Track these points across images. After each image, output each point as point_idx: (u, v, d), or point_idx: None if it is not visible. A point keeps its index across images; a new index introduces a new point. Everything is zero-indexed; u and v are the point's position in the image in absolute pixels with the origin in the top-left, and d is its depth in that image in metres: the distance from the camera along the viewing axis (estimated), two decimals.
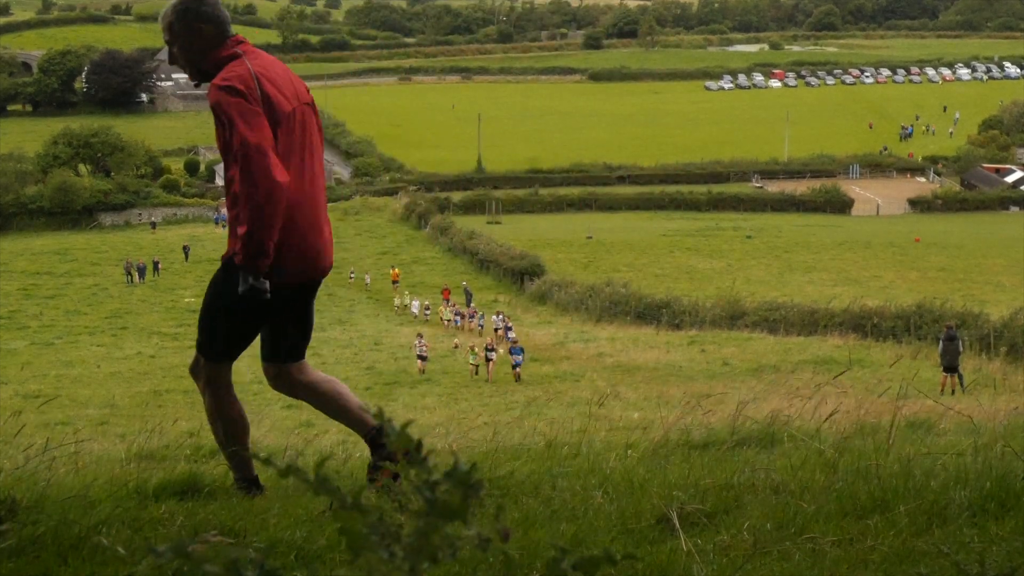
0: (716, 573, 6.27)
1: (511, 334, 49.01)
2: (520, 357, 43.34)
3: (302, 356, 7.91)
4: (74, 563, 6.42)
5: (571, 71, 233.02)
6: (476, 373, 43.64)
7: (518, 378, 42.41)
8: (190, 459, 10.74)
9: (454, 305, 62.20)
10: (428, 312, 62.63)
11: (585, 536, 7.00)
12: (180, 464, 9.91)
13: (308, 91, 7.24)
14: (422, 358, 44.58)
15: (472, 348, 44.65)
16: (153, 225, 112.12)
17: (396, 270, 74.01)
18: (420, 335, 46.31)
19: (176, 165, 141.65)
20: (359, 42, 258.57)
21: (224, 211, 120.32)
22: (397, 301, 64.40)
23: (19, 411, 12.58)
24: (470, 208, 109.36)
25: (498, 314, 55.06)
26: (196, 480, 8.53)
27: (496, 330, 51.93)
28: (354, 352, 51.08)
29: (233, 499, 8.06)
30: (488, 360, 43.98)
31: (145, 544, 6.34)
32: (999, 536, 6.63)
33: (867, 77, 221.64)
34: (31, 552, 6.49)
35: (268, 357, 7.80)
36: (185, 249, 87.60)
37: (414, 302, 63.69)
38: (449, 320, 60.04)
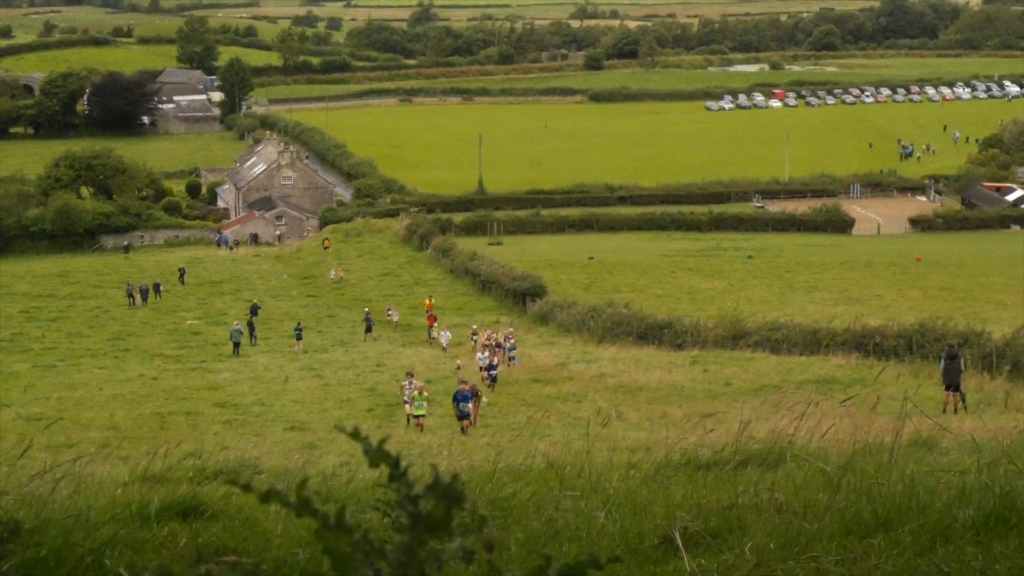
0: None
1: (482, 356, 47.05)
2: (469, 406, 36.04)
3: None
4: None
5: (572, 92, 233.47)
6: (417, 424, 36.65)
7: (464, 429, 35.04)
8: (192, 481, 10.72)
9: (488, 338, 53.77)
10: (475, 338, 57.06)
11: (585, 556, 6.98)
12: (182, 486, 9.89)
13: None
14: (408, 402, 38.11)
15: (420, 391, 37.36)
16: (126, 250, 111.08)
17: (431, 300, 69.71)
18: (410, 375, 39.73)
19: (178, 187, 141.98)
20: (360, 64, 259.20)
21: (226, 233, 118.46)
22: (434, 333, 62.32)
23: (22, 434, 12.59)
24: (471, 229, 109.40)
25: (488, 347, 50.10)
26: (199, 502, 8.51)
27: (483, 368, 46.59)
28: (356, 373, 51.03)
29: (236, 520, 8.05)
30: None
31: (131, 570, 6.33)
32: (1003, 554, 6.62)
33: (867, 96, 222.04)
34: (34, 574, 6.47)
35: None
36: (181, 272, 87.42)
37: (444, 333, 60.10)
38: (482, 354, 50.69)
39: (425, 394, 37.27)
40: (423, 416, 36.60)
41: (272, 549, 7.07)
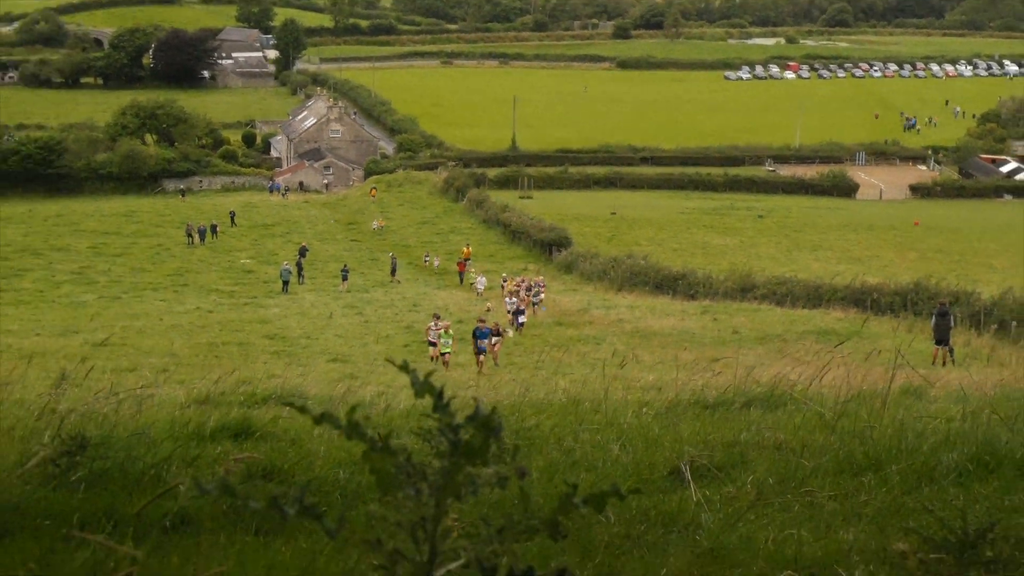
0: (722, 521, 6.32)
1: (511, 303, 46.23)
2: (486, 343, 35.81)
3: None
4: (138, 496, 6.52)
5: (601, 59, 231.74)
6: (442, 361, 35.88)
7: (480, 364, 34.99)
8: (243, 405, 10.84)
9: (519, 286, 52.06)
10: (505, 282, 57.06)
11: (603, 484, 7.05)
12: (234, 409, 10.00)
13: None
14: (433, 344, 37.47)
15: (447, 329, 37.00)
16: (183, 193, 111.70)
17: (468, 248, 70.10)
18: (437, 316, 39.17)
19: (235, 137, 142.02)
20: (405, 27, 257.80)
21: (278, 180, 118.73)
22: (470, 279, 62.26)
23: (88, 357, 12.72)
24: (504, 183, 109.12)
25: (514, 292, 49.70)
26: (249, 424, 8.62)
27: (510, 312, 45.70)
28: (395, 312, 51.22)
29: (283, 442, 8.15)
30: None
31: (193, 480, 6.44)
32: (982, 495, 6.66)
33: (875, 71, 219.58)
34: (100, 484, 6.59)
35: None
36: (231, 215, 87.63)
37: (479, 278, 59.90)
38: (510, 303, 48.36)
39: (451, 332, 37.13)
40: (449, 353, 36.53)
41: (315, 469, 7.16)
